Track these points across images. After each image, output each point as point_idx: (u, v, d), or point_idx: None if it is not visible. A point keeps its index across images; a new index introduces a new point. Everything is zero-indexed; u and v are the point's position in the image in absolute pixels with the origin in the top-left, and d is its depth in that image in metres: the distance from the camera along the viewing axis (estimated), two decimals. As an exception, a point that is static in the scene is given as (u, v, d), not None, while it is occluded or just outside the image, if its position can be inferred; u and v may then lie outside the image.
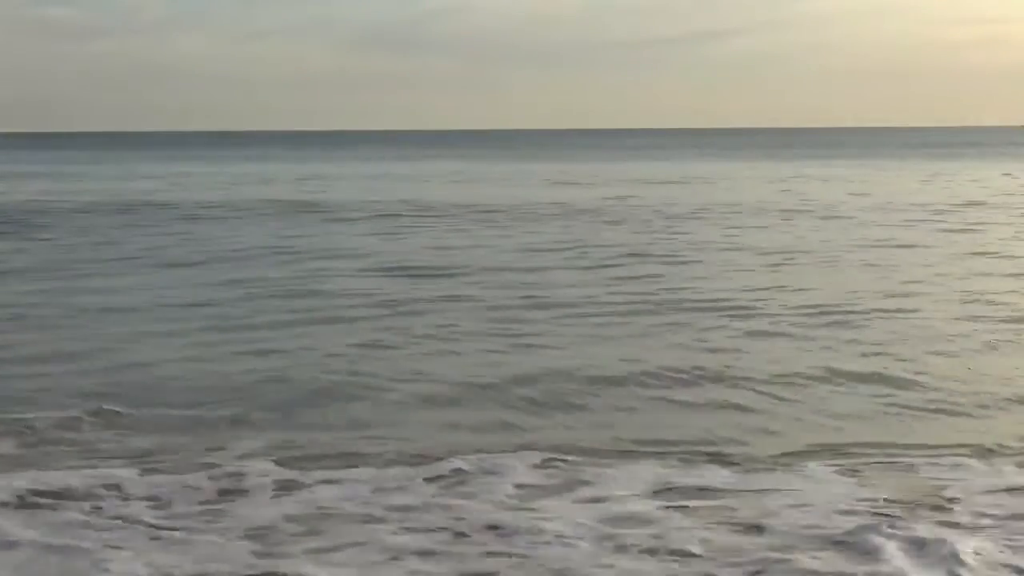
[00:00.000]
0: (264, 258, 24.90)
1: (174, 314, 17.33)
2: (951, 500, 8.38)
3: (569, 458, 9.67)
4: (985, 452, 9.83)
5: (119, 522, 8.03)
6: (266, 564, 7.29)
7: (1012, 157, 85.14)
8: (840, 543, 7.45)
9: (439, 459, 9.60)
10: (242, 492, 8.73)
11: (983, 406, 11.50)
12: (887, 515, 8.01)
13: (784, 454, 9.87)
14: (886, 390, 12.24)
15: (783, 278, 20.72)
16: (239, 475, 9.11)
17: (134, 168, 79.81)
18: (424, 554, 7.38)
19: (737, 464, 9.53)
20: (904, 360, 13.57)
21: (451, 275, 21.43)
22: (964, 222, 31.57)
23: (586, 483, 8.91)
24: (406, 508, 8.26)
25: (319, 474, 9.19)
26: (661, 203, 40.38)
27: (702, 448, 10.05)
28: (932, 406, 11.56)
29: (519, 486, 8.82)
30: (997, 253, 24.31)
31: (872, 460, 9.61)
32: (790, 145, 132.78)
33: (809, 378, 12.80)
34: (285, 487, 8.84)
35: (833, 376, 12.88)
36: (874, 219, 32.84)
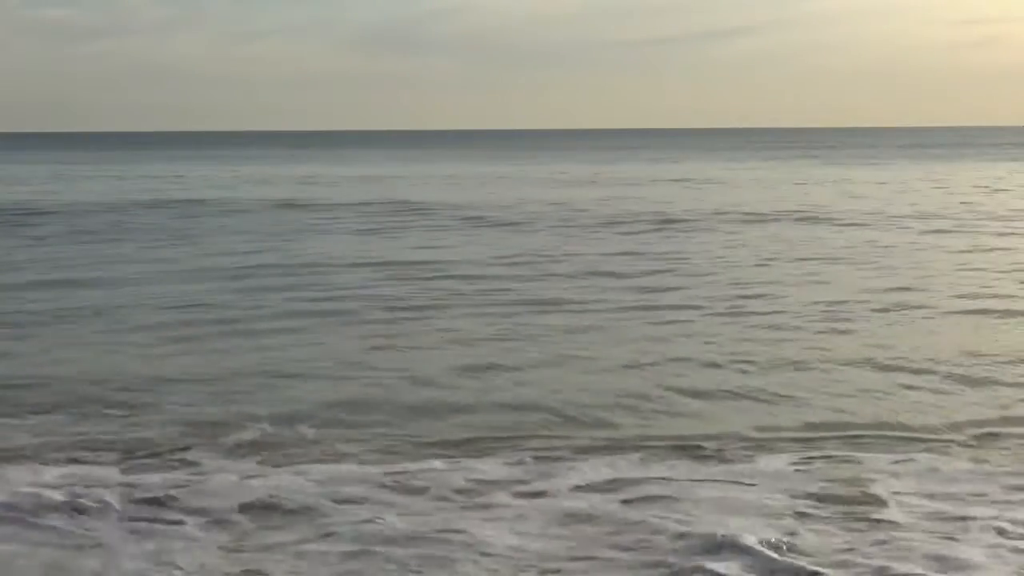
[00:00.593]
0: (260, 255, 24.95)
1: (170, 312, 17.34)
2: (877, 499, 8.40)
3: (552, 455, 9.75)
4: (949, 443, 10.01)
5: (70, 519, 8.12)
6: (196, 559, 7.36)
7: (1011, 158, 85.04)
8: (717, 547, 7.39)
9: (421, 458, 9.67)
10: (203, 488, 8.77)
11: (969, 396, 11.69)
12: (804, 513, 8.09)
13: (758, 444, 10.05)
14: (877, 380, 12.46)
15: (780, 277, 20.76)
16: (212, 472, 9.21)
17: (133, 168, 79.79)
18: (351, 556, 7.40)
19: (708, 457, 9.67)
20: (899, 352, 13.77)
21: (448, 275, 21.44)
22: (961, 223, 31.60)
23: (551, 476, 9.02)
24: (356, 504, 8.35)
25: (292, 470, 9.24)
26: (660, 204, 40.39)
27: (680, 441, 10.20)
28: (921, 396, 11.75)
29: (480, 482, 8.90)
30: (1001, 249, 24.36)
31: (834, 450, 9.81)
32: (789, 146, 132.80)
33: (799, 370, 13.02)
34: (249, 481, 8.90)
35: (821, 367, 13.09)
36: (872, 221, 32.87)
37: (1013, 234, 28.33)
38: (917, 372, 12.81)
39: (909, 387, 12.18)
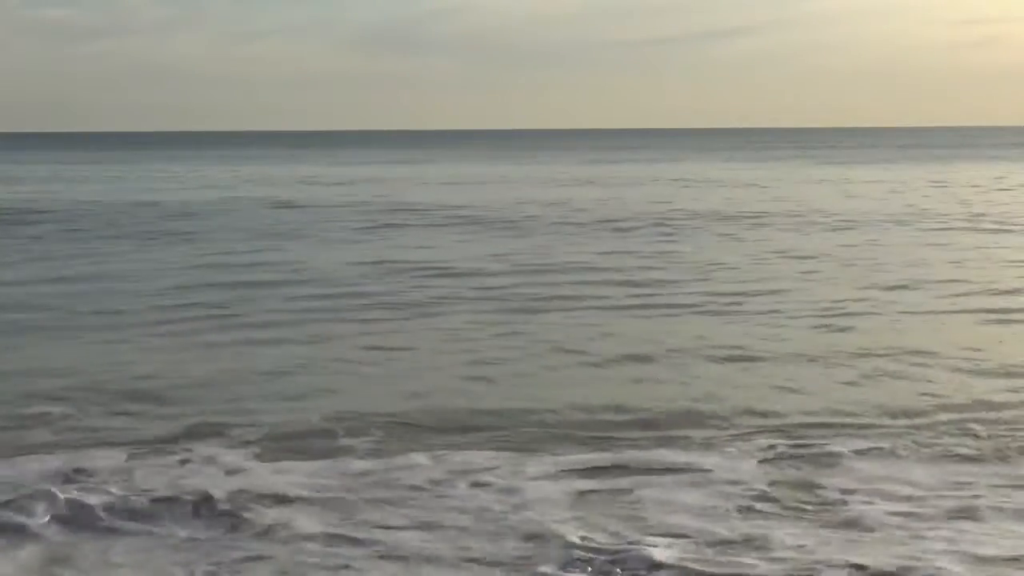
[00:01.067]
0: (259, 255, 25.00)
1: (168, 311, 17.38)
2: (822, 496, 8.48)
3: (535, 446, 9.98)
4: (925, 434, 10.17)
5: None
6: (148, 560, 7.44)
7: (1011, 158, 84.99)
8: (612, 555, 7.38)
9: (405, 452, 9.82)
10: (192, 482, 8.92)
11: (959, 390, 11.85)
12: (743, 507, 8.20)
13: (741, 435, 10.23)
14: (866, 374, 12.69)
15: (777, 276, 20.84)
16: (202, 465, 9.42)
17: (133, 168, 79.79)
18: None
19: (687, 447, 9.87)
20: (890, 347, 13.95)
21: (446, 274, 21.48)
22: (958, 223, 31.66)
23: (521, 466, 9.23)
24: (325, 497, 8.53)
25: (276, 464, 9.44)
26: (658, 204, 40.49)
27: (665, 431, 10.44)
28: (911, 388, 11.98)
29: (452, 474, 9.09)
30: (994, 248, 24.42)
31: (805, 441, 9.95)
32: (789, 146, 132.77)
33: (793, 364, 13.26)
34: (233, 473, 9.13)
35: (815, 362, 13.33)
36: (869, 221, 32.92)
37: (1007, 232, 28.40)
38: (906, 367, 12.97)
39: (899, 380, 12.35)
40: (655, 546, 7.43)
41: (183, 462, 9.47)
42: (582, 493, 8.59)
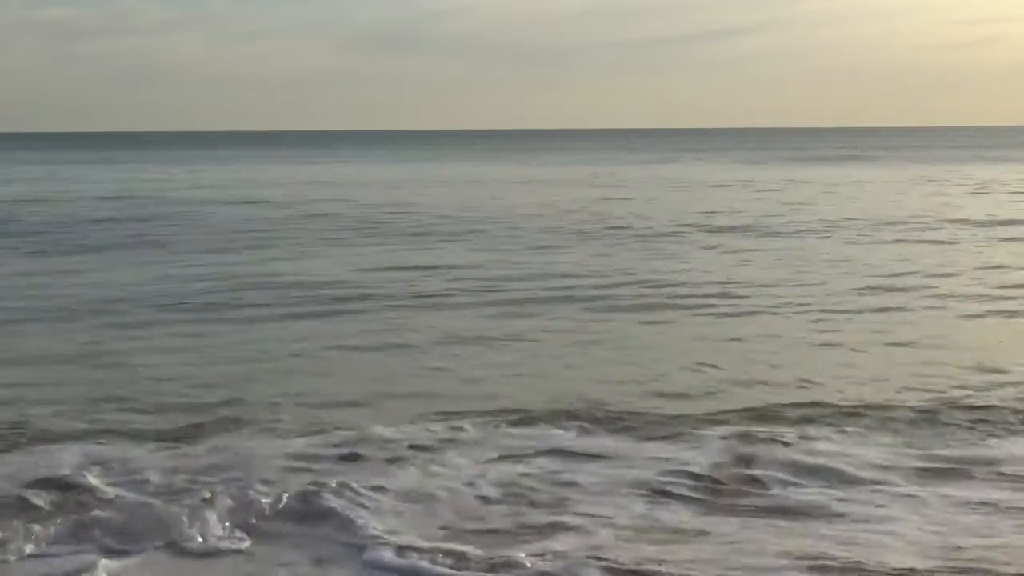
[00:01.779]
0: (256, 253, 25.09)
1: (167, 310, 17.48)
2: (749, 479, 8.66)
3: (509, 418, 10.51)
4: (895, 423, 10.34)
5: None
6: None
7: (1010, 159, 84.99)
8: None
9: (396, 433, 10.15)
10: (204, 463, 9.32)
11: (936, 382, 12.05)
12: (663, 491, 8.40)
13: (713, 421, 10.43)
14: (852, 366, 13.01)
15: (763, 275, 20.93)
16: (210, 452, 9.74)
17: (132, 168, 79.78)
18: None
19: (636, 429, 10.19)
20: (873, 343, 14.24)
21: (444, 274, 21.54)
22: (948, 226, 31.71)
23: (479, 445, 9.66)
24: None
25: (279, 443, 9.87)
26: (653, 206, 40.58)
27: (637, 419, 10.61)
28: (889, 377, 12.25)
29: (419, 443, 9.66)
30: (982, 249, 24.48)
31: (777, 427, 10.15)
32: (788, 147, 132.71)
33: (775, 357, 13.52)
34: (238, 464, 9.36)
35: (799, 357, 13.59)
36: (862, 224, 32.98)
37: (1005, 231, 28.47)
38: (894, 362, 13.15)
39: (886, 375, 12.45)
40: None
41: (186, 454, 9.61)
42: (518, 475, 8.82)
